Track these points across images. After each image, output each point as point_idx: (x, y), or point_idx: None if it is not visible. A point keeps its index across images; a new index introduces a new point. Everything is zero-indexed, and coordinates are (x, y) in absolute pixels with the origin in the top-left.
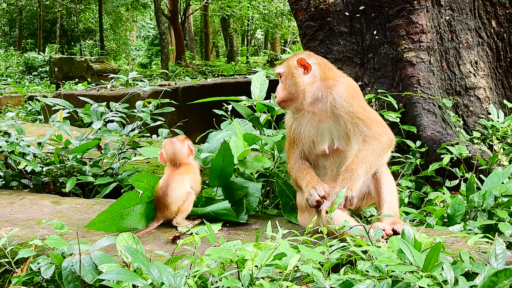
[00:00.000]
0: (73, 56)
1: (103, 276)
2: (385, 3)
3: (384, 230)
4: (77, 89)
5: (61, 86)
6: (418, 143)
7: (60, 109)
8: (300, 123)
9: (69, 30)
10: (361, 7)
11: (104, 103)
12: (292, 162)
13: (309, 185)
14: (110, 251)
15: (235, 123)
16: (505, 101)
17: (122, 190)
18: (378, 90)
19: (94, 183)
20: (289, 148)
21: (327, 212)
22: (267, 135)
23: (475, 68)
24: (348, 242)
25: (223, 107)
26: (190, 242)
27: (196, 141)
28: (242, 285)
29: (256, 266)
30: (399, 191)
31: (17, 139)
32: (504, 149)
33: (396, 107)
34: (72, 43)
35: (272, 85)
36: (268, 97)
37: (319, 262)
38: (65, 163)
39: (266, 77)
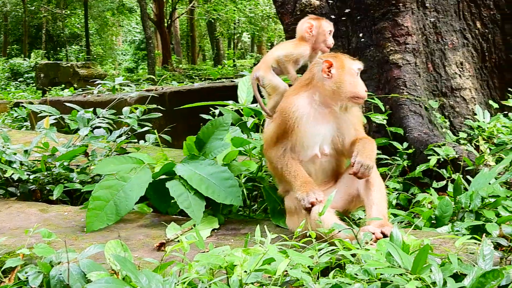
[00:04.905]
0: (59, 62)
1: (92, 285)
2: (370, 5)
3: (374, 233)
4: (64, 95)
5: (47, 92)
6: (405, 144)
7: (47, 115)
8: (309, 116)
9: (54, 36)
10: (347, 10)
11: (91, 109)
12: (280, 153)
13: (305, 186)
14: (99, 259)
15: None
16: (490, 102)
17: None
18: None
19: (82, 190)
20: (277, 136)
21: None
22: (255, 139)
23: (461, 69)
24: (337, 246)
25: (210, 112)
26: (179, 249)
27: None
28: None
29: (245, 271)
30: (386, 193)
31: (3, 146)
32: (490, 149)
33: (383, 109)
34: (58, 48)
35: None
36: (255, 101)
37: (308, 266)
38: (52, 170)
39: None
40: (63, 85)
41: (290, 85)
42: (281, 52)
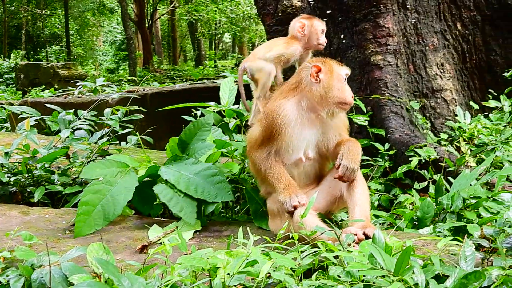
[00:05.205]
0: (39, 62)
1: None
2: (352, 7)
3: (356, 235)
4: (44, 96)
5: (27, 93)
6: (387, 145)
7: (27, 117)
8: (296, 121)
9: (34, 36)
10: (328, 11)
11: (72, 110)
12: (263, 155)
13: (288, 189)
14: (81, 262)
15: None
16: (471, 103)
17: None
18: None
19: (63, 192)
20: (263, 139)
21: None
22: (237, 141)
23: (442, 70)
24: (319, 248)
25: (192, 113)
26: (161, 251)
27: (166, 147)
28: None
29: (228, 274)
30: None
31: None
32: (471, 150)
33: (364, 110)
34: (38, 49)
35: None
36: (237, 102)
37: (291, 268)
38: (33, 172)
39: (235, 81)
40: (43, 86)
41: (272, 87)
42: (272, 54)
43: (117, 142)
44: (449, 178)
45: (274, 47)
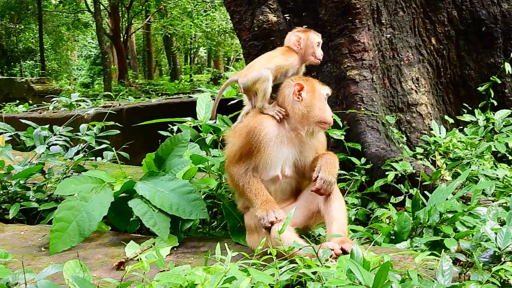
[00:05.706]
0: (13, 77)
1: None
2: (327, 22)
3: (333, 250)
4: (18, 111)
5: (1, 108)
6: (363, 160)
7: (2, 133)
8: (276, 139)
9: (8, 51)
10: (304, 26)
11: (47, 126)
12: (242, 170)
13: (266, 205)
14: (57, 279)
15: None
16: (446, 117)
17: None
18: None
19: (38, 209)
20: (241, 154)
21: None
22: (213, 156)
23: (417, 85)
24: (297, 263)
25: (169, 129)
26: (139, 268)
27: (142, 162)
28: None
29: None
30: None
31: None
32: (446, 164)
33: (341, 124)
34: (12, 63)
35: (218, 106)
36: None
37: (269, 284)
38: (8, 189)
39: (211, 96)
40: (17, 101)
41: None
42: (272, 65)
43: (93, 157)
44: (425, 192)
45: (273, 59)
